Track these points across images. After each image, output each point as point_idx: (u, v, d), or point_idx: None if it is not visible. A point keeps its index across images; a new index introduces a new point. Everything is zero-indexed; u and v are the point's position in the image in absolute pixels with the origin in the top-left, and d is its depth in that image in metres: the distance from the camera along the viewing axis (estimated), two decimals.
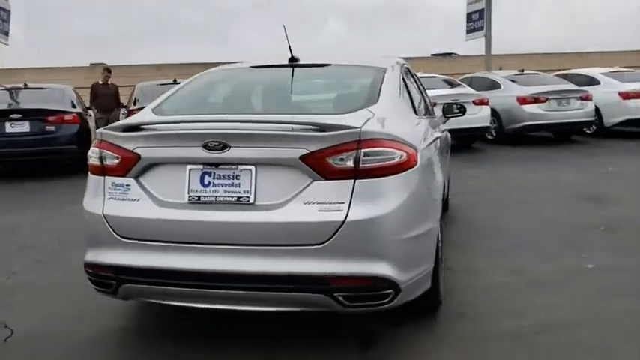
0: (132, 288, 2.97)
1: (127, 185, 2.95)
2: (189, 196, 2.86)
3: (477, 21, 17.07)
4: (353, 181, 2.71)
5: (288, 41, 3.75)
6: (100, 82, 11.32)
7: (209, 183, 2.85)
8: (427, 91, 5.26)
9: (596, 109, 12.23)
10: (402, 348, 3.16)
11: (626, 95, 12.24)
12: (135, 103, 10.29)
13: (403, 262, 2.81)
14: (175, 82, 10.96)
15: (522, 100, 11.78)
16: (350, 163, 2.71)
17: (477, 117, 11.17)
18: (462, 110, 5.41)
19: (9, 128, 9.48)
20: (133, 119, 3.24)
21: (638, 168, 9.14)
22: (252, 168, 2.80)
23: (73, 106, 10.31)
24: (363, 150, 2.71)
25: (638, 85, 12.37)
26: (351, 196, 2.70)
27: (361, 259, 2.71)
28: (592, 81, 13.12)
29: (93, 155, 3.09)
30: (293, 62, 3.78)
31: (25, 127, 9.50)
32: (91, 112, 11.39)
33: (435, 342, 3.23)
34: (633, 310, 3.57)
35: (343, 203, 2.70)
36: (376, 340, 3.22)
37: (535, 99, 11.74)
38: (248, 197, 2.80)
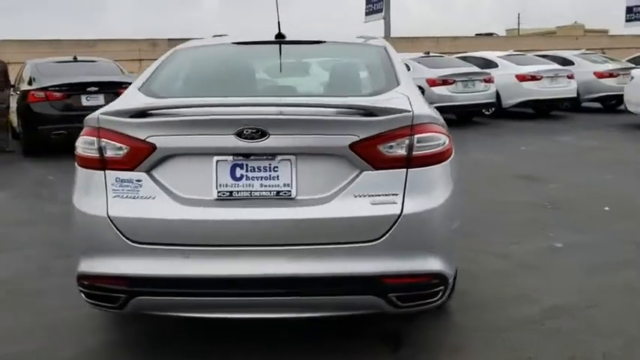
0: (146, 301, 2.54)
1: (138, 181, 2.50)
2: (219, 192, 2.48)
3: (377, 3, 17.23)
4: (405, 170, 2.49)
5: (277, 15, 3.39)
6: None
7: (241, 176, 2.49)
8: None
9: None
10: (432, 344, 3.03)
11: (522, 78, 12.98)
12: (30, 83, 9.17)
13: (449, 256, 2.65)
14: (76, 60, 9.97)
15: (432, 83, 12.08)
16: (402, 151, 2.48)
17: None
18: (421, 91, 5.33)
19: None
20: (130, 102, 2.74)
21: (547, 147, 9.70)
22: (292, 158, 2.48)
23: None
24: (416, 136, 2.49)
25: (533, 68, 13.18)
26: (405, 186, 2.48)
27: (416, 256, 2.51)
28: (490, 64, 13.76)
29: (86, 145, 2.59)
30: (280, 39, 3.43)
31: None
32: None
33: (459, 335, 3.12)
34: (625, 285, 3.70)
35: (397, 195, 2.47)
36: (402, 339, 3.05)
37: (444, 81, 12.09)
38: (289, 191, 2.48)
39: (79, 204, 2.61)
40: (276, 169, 2.48)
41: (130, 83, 9.45)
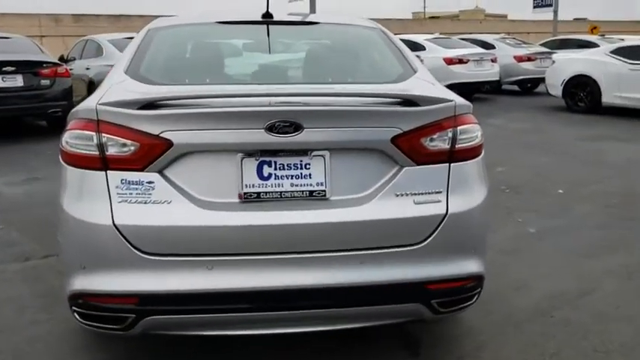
0: (159, 321, 2.20)
1: (149, 182, 2.14)
2: (245, 193, 2.18)
3: None
4: (448, 165, 2.30)
5: None
6: None
7: (269, 175, 2.20)
8: None
9: None
10: (453, 343, 2.89)
11: (450, 61, 13.20)
12: None
13: (485, 255, 2.51)
14: None
15: None
16: (444, 144, 2.29)
17: None
18: None
19: None
20: (128, 91, 2.35)
21: (488, 130, 9.88)
22: (326, 154, 2.22)
23: None
24: (459, 127, 2.31)
25: (460, 51, 13.43)
26: (448, 183, 2.30)
27: (460, 258, 2.34)
28: (417, 46, 13.86)
29: (80, 141, 2.19)
30: (268, 19, 3.12)
31: None
32: None
33: (478, 331, 2.99)
34: (609, 270, 3.76)
35: (440, 192, 2.28)
36: (421, 340, 2.89)
37: None
38: (323, 191, 2.22)
39: (71, 210, 2.21)
40: (307, 166, 2.21)
41: (52, 62, 8.75)
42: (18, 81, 8.18)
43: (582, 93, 11.26)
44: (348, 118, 2.20)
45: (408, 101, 2.26)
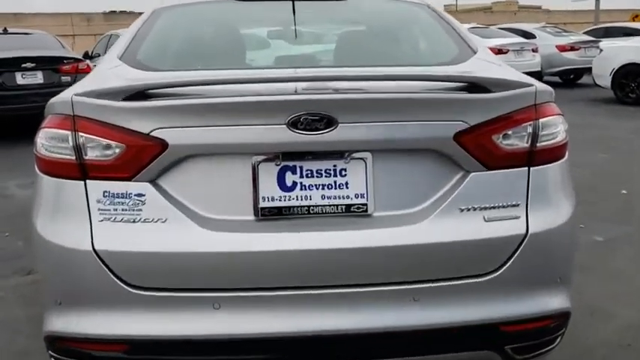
0: None
1: (139, 195, 1.66)
2: (262, 209, 1.68)
3: None
4: (527, 169, 1.76)
5: None
6: None
7: (294, 184, 1.69)
8: None
9: None
10: None
11: None
12: None
13: (571, 287, 1.96)
14: (6, 32, 8.71)
15: None
16: (522, 142, 1.75)
17: None
18: None
19: None
20: (116, 77, 1.87)
21: None
22: (368, 156, 1.70)
23: None
24: (541, 120, 1.77)
25: (500, 41, 12.77)
26: (528, 193, 1.76)
27: (541, 291, 1.81)
28: None
29: (53, 142, 1.72)
30: None
31: None
32: None
33: None
34: None
35: (518, 206, 1.74)
36: None
37: None
38: (364, 205, 1.70)
39: (45, 232, 1.74)
40: (343, 172, 1.70)
41: (73, 58, 8.43)
42: (38, 77, 7.89)
43: (633, 83, 10.49)
44: (396, 110, 1.67)
45: (475, 86, 1.73)
